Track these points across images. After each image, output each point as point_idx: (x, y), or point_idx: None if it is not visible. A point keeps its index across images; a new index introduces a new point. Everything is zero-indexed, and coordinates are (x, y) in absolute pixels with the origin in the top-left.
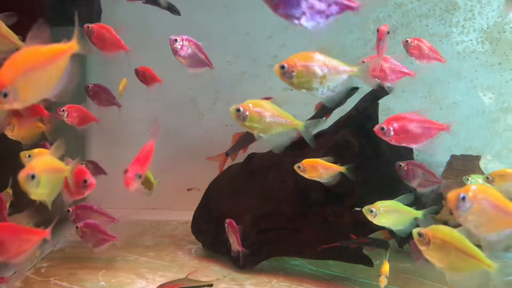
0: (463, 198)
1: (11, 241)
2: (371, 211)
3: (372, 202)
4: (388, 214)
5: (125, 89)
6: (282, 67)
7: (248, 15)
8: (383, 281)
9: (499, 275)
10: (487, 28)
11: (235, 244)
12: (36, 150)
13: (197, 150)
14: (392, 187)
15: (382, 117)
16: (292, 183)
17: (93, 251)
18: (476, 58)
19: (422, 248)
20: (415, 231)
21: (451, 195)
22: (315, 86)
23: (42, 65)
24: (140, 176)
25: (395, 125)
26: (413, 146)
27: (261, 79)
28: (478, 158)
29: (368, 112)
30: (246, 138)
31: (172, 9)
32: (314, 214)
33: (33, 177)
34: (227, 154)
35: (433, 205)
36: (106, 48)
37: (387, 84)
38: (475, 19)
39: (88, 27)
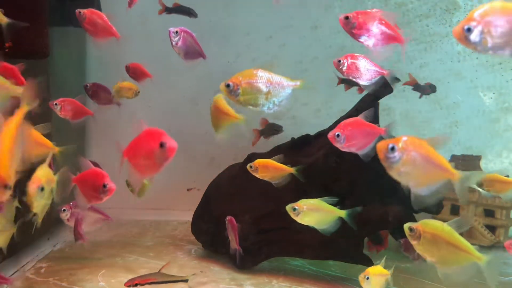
0: (392, 149)
1: None
2: (294, 209)
3: (372, 202)
4: (311, 212)
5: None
6: (228, 85)
7: (248, 15)
8: (362, 280)
9: (489, 268)
10: None
11: (233, 243)
12: None
13: (197, 150)
14: (392, 186)
15: (382, 117)
16: (292, 183)
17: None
18: (477, 58)
19: (413, 242)
20: (406, 226)
21: (380, 145)
22: (260, 102)
23: None
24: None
25: (348, 131)
26: (359, 152)
27: None
28: (478, 158)
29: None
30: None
31: (190, 12)
32: None
33: (42, 189)
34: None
35: (434, 205)
36: (98, 34)
37: (362, 83)
38: None
39: (79, 12)
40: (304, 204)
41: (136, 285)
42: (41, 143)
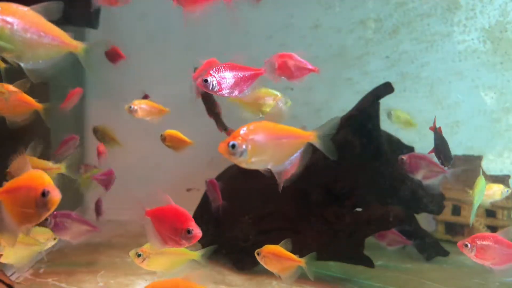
0: (233, 146)
1: None
2: (139, 255)
3: (372, 202)
4: (159, 257)
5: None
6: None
7: (248, 14)
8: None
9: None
10: (489, 27)
11: (216, 200)
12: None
13: (197, 150)
14: (393, 187)
15: (382, 117)
16: (292, 184)
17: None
18: (478, 58)
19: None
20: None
21: (221, 147)
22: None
23: None
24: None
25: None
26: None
27: (261, 79)
28: (479, 158)
29: (369, 112)
30: None
31: None
32: (314, 215)
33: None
34: None
35: (435, 205)
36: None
37: (293, 82)
38: (476, 18)
39: None
40: (148, 249)
41: None
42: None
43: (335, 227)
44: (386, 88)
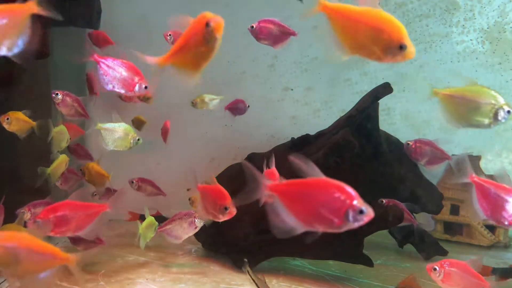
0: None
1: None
2: None
3: (372, 202)
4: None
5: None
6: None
7: (248, 14)
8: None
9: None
10: (487, 28)
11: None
12: None
13: (197, 150)
14: (392, 186)
15: (382, 117)
16: None
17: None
18: (476, 58)
19: None
20: None
21: None
22: None
23: None
24: None
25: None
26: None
27: (261, 79)
28: (478, 158)
29: (368, 112)
30: None
31: None
32: None
33: None
34: None
35: (434, 204)
36: None
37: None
38: (475, 19)
39: None
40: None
41: None
42: None
43: None
44: (385, 89)
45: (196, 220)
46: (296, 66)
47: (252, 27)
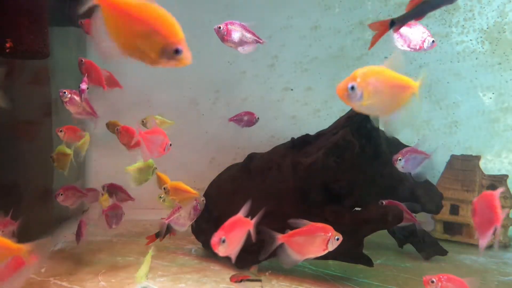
0: (352, 88)
1: None
2: None
3: (371, 202)
4: None
5: (87, 145)
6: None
7: (248, 14)
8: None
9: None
10: (487, 28)
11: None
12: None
13: (197, 150)
14: (392, 186)
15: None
16: (292, 183)
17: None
18: (476, 58)
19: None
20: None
21: (340, 87)
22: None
23: None
24: (224, 241)
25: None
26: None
27: (261, 79)
28: (478, 158)
29: None
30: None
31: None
32: (314, 214)
33: None
34: (393, 22)
35: (433, 204)
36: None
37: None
38: (475, 19)
39: None
40: None
41: (241, 280)
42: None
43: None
44: None
45: (198, 204)
46: (296, 66)
47: (219, 27)
